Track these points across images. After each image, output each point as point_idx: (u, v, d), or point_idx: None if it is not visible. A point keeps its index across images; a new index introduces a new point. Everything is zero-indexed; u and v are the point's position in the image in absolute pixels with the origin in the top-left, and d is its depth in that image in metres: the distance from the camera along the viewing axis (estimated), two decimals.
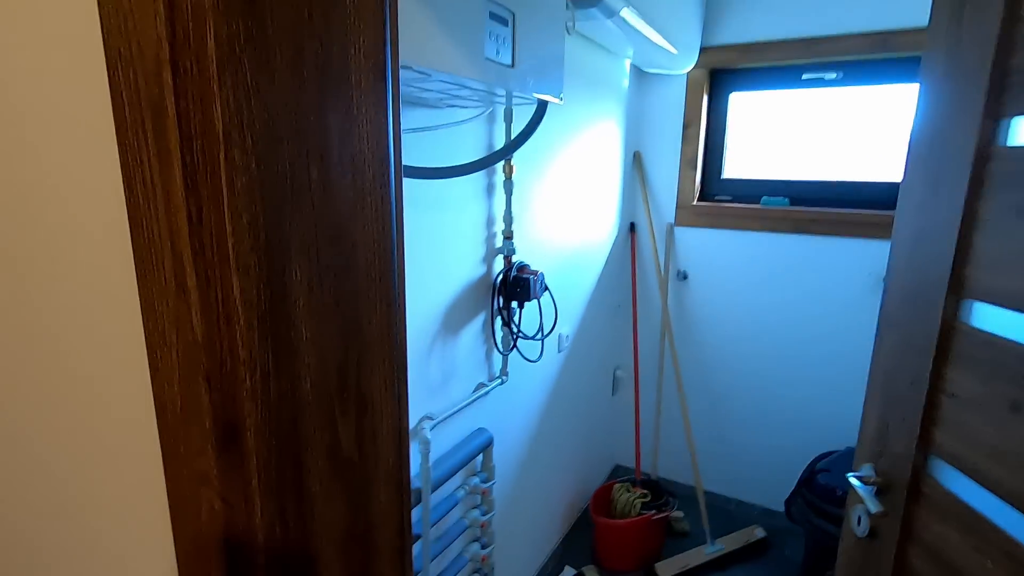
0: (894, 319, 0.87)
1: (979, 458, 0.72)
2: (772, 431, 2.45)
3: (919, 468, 0.81)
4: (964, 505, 0.74)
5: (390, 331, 0.43)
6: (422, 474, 1.27)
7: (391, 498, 0.46)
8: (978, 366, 0.72)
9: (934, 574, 0.79)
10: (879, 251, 2.12)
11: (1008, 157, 0.69)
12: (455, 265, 1.38)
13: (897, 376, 0.85)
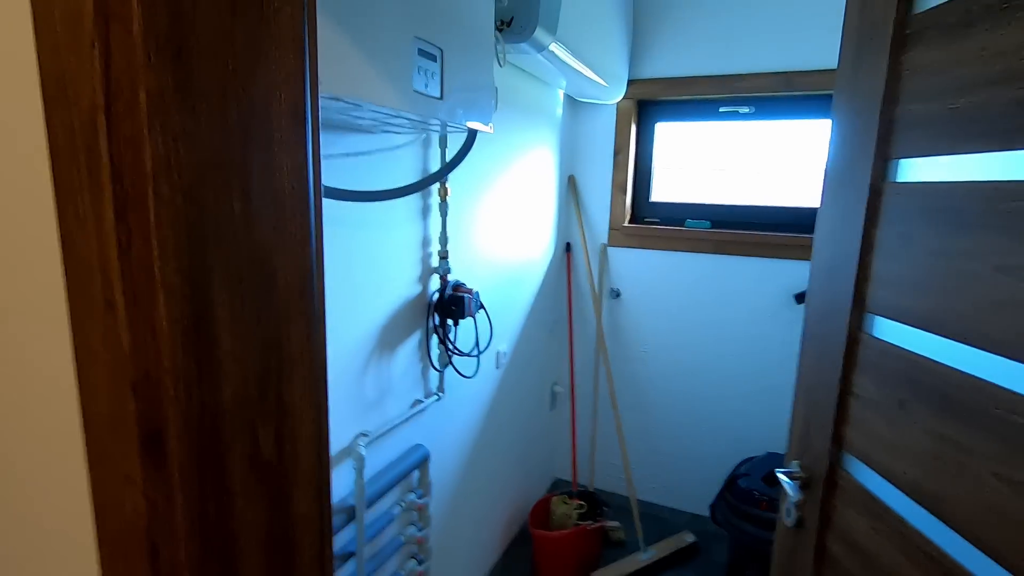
0: (813, 332, 0.99)
1: (877, 451, 0.82)
2: (700, 440, 2.59)
3: (834, 463, 0.91)
4: (867, 493, 0.84)
5: (310, 345, 0.47)
6: (356, 491, 1.28)
7: (311, 501, 0.50)
8: (875, 370, 0.83)
9: (846, 556, 0.88)
10: (791, 270, 2.31)
11: (895, 192, 0.81)
12: (391, 284, 1.42)
13: (816, 382, 0.96)
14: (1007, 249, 0.62)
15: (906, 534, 0.76)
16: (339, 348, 1.26)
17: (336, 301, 1.23)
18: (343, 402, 1.30)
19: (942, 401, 0.71)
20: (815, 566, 0.95)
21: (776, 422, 2.43)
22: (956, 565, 0.68)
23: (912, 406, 0.75)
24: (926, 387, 0.73)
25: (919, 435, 0.74)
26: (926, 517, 0.73)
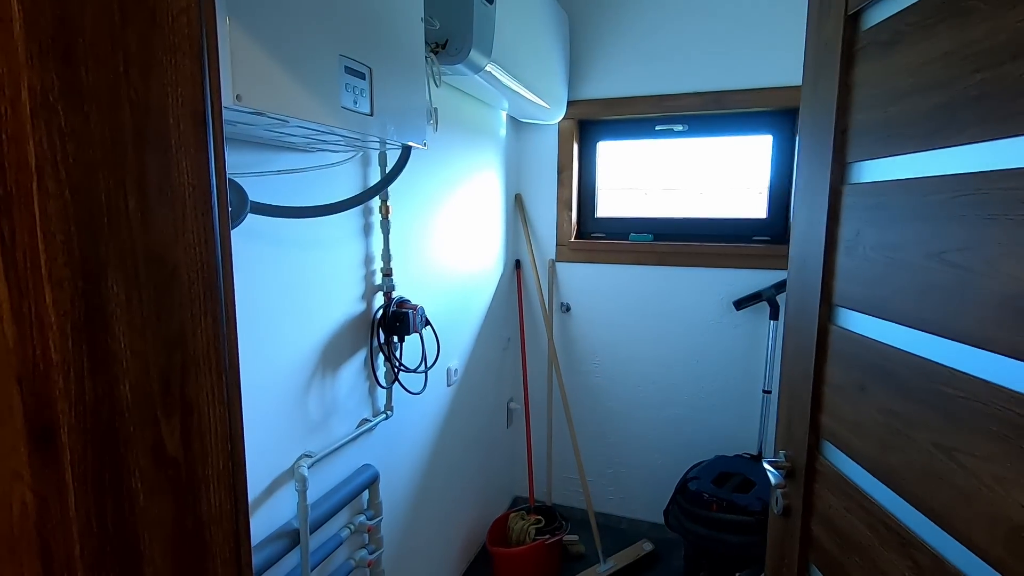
0: (791, 327, 1.05)
1: (845, 433, 0.88)
2: (652, 448, 2.64)
3: (813, 449, 0.97)
4: (840, 475, 0.89)
5: (216, 343, 0.48)
6: (299, 513, 1.25)
7: (223, 500, 0.50)
8: (841, 358, 0.89)
9: (827, 538, 0.93)
10: (730, 279, 2.41)
11: (849, 193, 0.88)
12: (334, 303, 1.42)
13: (796, 374, 1.02)
14: (933, 236, 0.69)
15: (870, 509, 0.81)
16: (279, 368, 1.25)
17: (276, 321, 1.22)
18: (285, 423, 1.27)
19: (892, 381, 0.77)
20: (801, 550, 0.99)
21: (721, 426, 2.50)
22: (910, 533, 0.73)
23: (870, 388, 0.82)
24: (880, 370, 0.79)
25: (875, 414, 0.80)
26: (884, 491, 0.79)
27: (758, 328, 2.39)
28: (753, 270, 2.37)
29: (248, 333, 1.15)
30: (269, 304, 1.20)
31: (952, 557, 0.67)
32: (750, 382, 2.43)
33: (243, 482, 0.51)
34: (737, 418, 2.47)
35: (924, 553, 0.71)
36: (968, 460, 0.64)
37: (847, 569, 0.87)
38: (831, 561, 0.91)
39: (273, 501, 1.25)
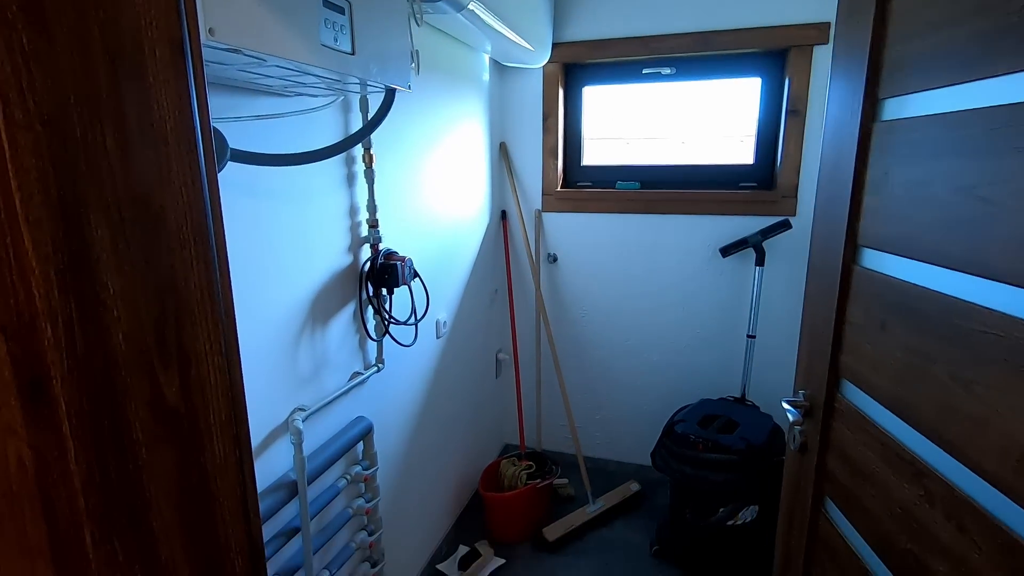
0: (815, 268, 1.06)
1: (864, 371, 0.90)
2: (639, 394, 2.70)
3: (832, 388, 0.99)
4: (857, 412, 0.92)
5: (210, 290, 0.46)
6: (296, 465, 1.26)
7: (228, 451, 0.49)
8: (863, 298, 0.90)
9: (841, 471, 0.96)
10: (716, 226, 2.41)
11: (881, 132, 0.86)
12: (320, 256, 1.38)
13: (817, 315, 1.03)
14: (964, 170, 0.68)
15: (885, 442, 0.84)
16: (267, 322, 1.22)
17: (261, 274, 1.19)
18: (276, 377, 1.26)
19: (913, 318, 0.78)
20: (816, 484, 1.03)
21: (706, 370, 2.56)
22: (923, 463, 0.76)
23: (891, 326, 0.83)
24: (902, 308, 0.80)
25: (895, 351, 0.82)
26: (900, 425, 0.81)
27: (744, 274, 2.41)
28: (739, 217, 2.37)
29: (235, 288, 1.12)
30: (252, 257, 1.17)
31: (963, 484, 0.69)
32: (735, 328, 2.47)
33: (246, 432, 0.50)
34: (722, 363, 2.53)
35: (936, 481, 0.73)
36: (984, 392, 0.65)
37: (860, 499, 0.90)
38: (845, 493, 0.95)
39: (269, 454, 1.25)
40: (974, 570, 0.67)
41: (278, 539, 1.25)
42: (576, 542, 2.30)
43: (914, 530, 0.77)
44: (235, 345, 0.49)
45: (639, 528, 2.38)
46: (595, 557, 2.21)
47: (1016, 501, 0.61)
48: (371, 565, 1.63)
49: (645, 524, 2.40)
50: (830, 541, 1.00)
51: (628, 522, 2.43)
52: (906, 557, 0.79)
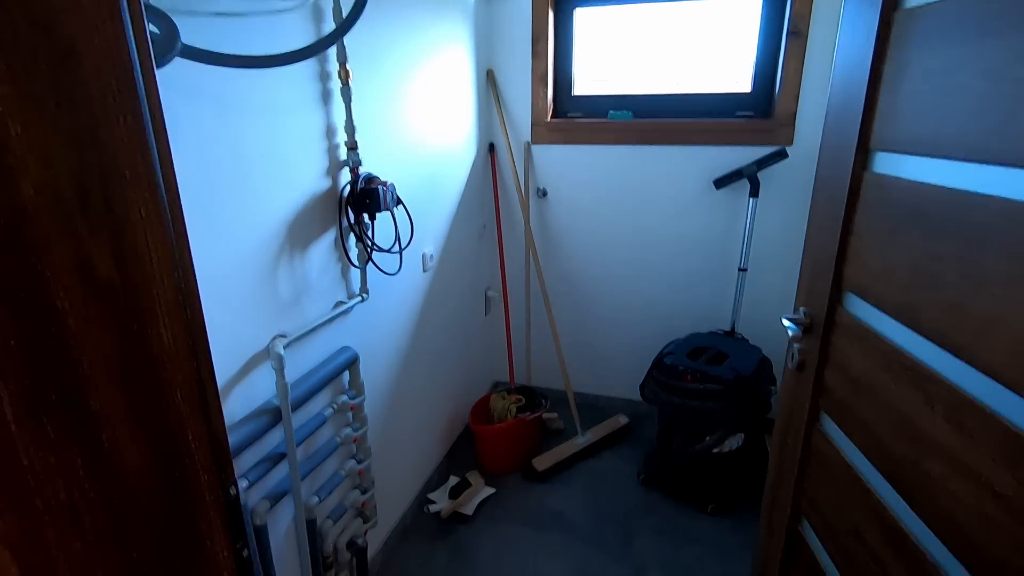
0: (823, 178, 1.01)
1: (869, 282, 0.87)
2: (629, 330, 2.69)
3: (834, 302, 0.97)
4: (860, 324, 0.89)
5: (143, 151, 0.40)
6: (279, 391, 1.23)
7: (178, 336, 0.44)
8: (873, 205, 0.86)
9: (840, 385, 0.95)
10: (710, 156, 2.34)
11: (903, 20, 0.79)
12: (296, 177, 1.31)
13: (823, 228, 0.99)
14: (994, 51, 0.62)
15: (886, 351, 0.82)
16: (242, 243, 1.16)
17: (233, 191, 1.12)
18: (253, 301, 1.21)
19: (926, 221, 0.74)
20: (813, 399, 1.03)
21: (697, 305, 2.54)
22: (926, 369, 0.74)
23: (901, 232, 0.79)
24: (914, 211, 0.76)
25: (904, 257, 0.78)
26: (904, 333, 0.79)
27: (737, 206, 2.36)
28: (735, 147, 2.29)
29: (201, 204, 1.05)
30: (221, 171, 1.09)
31: (966, 385, 0.67)
32: (726, 261, 2.44)
33: (199, 319, 0.46)
34: (712, 297, 2.51)
35: (938, 385, 0.71)
36: (1000, 288, 0.62)
37: (857, 411, 0.89)
38: (842, 405, 0.94)
39: (251, 380, 1.22)
40: (969, 465, 0.66)
41: (264, 463, 1.24)
42: (565, 472, 2.34)
43: (911, 435, 0.76)
44: (180, 217, 0.43)
45: (627, 459, 2.43)
46: (583, 486, 2.26)
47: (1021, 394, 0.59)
48: (361, 492, 1.64)
49: (633, 455, 2.45)
50: (824, 454, 1.00)
51: (616, 453, 2.47)
52: (901, 462, 0.78)
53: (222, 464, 0.49)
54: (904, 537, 0.77)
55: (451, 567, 1.88)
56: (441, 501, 2.13)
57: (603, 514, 2.11)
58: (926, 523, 0.73)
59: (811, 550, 1.04)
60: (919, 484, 0.74)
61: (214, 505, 0.48)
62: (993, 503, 0.62)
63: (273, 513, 1.33)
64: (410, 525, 2.06)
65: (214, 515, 0.48)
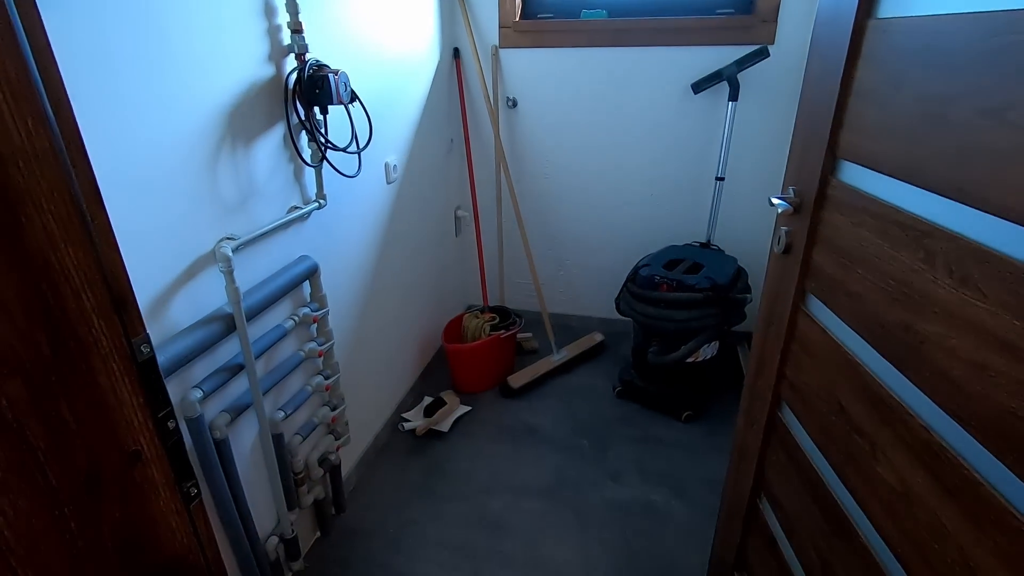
0: (819, 44, 0.91)
1: (868, 143, 0.79)
2: (604, 247, 2.64)
3: (827, 174, 0.90)
4: (854, 190, 0.83)
5: None
6: (229, 296, 1.13)
7: (70, 213, 0.34)
8: (877, 53, 0.78)
9: (828, 262, 0.90)
10: (688, 59, 2.21)
11: None
12: (233, 60, 1.15)
13: (819, 92, 0.91)
14: None
15: (883, 214, 0.76)
16: (173, 131, 1.02)
17: (153, 68, 0.97)
18: (196, 200, 1.09)
19: (936, 58, 0.66)
20: (799, 281, 0.98)
21: (672, 219, 2.48)
22: (927, 224, 0.68)
23: (906, 79, 0.71)
24: (923, 49, 0.68)
25: (909, 106, 0.71)
26: (904, 190, 0.73)
27: (715, 112, 2.26)
28: (714, 46, 2.17)
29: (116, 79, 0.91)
30: (137, 44, 0.94)
31: (973, 233, 0.62)
32: (704, 171, 2.36)
33: (68, 117, 0.35)
34: (688, 209, 2.45)
35: (939, 238, 0.66)
36: (1020, 116, 0.55)
37: (847, 285, 0.84)
38: (830, 283, 0.89)
39: (198, 284, 1.11)
40: (970, 319, 0.61)
41: (220, 374, 1.16)
42: (541, 389, 2.34)
43: (906, 298, 0.72)
44: (46, 46, 0.32)
45: (602, 374, 2.43)
46: (559, 401, 2.26)
47: None
48: (331, 408, 1.58)
49: (608, 371, 2.45)
50: (809, 337, 0.96)
51: (591, 369, 2.47)
52: (892, 329, 0.74)
53: (125, 315, 0.40)
54: (892, 404, 0.74)
55: (427, 481, 1.87)
56: (416, 419, 2.10)
57: (579, 427, 2.11)
58: (919, 386, 0.70)
59: (791, 435, 1.03)
60: (912, 348, 0.71)
61: (116, 359, 0.39)
62: (996, 353, 0.58)
63: (235, 427, 1.26)
64: (385, 443, 2.04)
65: (118, 370, 0.39)
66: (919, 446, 0.70)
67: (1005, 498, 0.57)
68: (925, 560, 0.68)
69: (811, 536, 0.96)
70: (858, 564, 0.83)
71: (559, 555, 1.59)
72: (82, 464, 0.37)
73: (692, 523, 1.68)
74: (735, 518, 1.28)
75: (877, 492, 0.78)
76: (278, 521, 1.44)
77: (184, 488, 0.46)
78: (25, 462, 0.34)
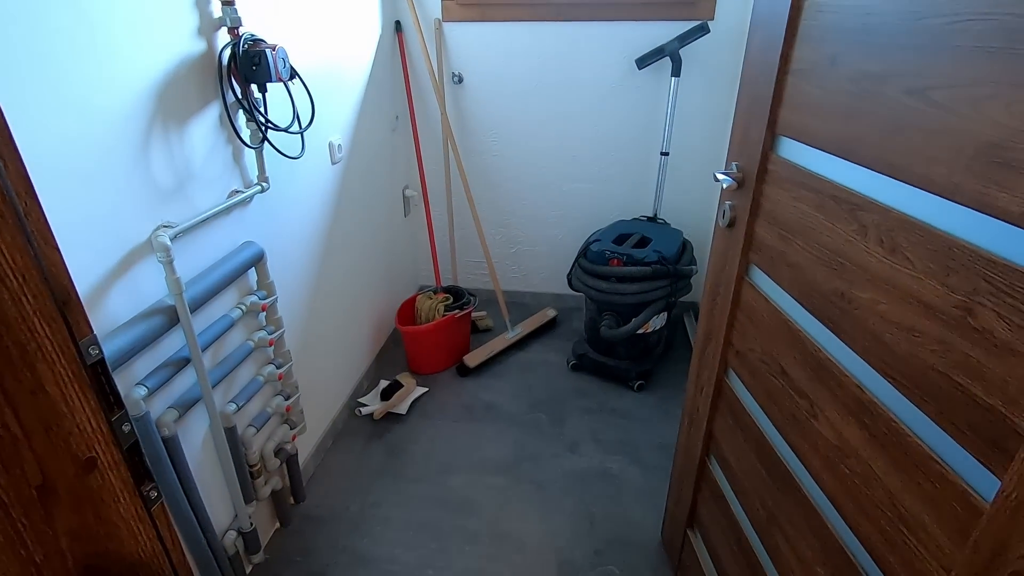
0: (758, 23, 0.94)
1: (806, 119, 0.83)
2: (555, 224, 2.66)
3: (767, 150, 0.93)
4: (793, 166, 0.86)
5: None
6: (170, 287, 1.08)
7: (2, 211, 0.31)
8: (813, 32, 0.81)
9: (769, 234, 0.94)
10: (632, 34, 2.23)
11: None
12: (159, 32, 1.07)
13: (759, 70, 0.93)
14: None
15: (820, 188, 0.80)
16: (97, 114, 0.95)
17: (64, 46, 0.89)
18: (126, 186, 1.02)
19: (868, 37, 0.69)
20: (743, 253, 1.02)
21: (620, 194, 2.53)
22: (861, 197, 0.72)
23: (842, 57, 0.75)
24: (857, 30, 0.72)
25: (844, 84, 0.74)
26: (839, 165, 0.77)
27: (659, 87, 2.30)
28: (657, 21, 2.19)
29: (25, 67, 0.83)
30: (49, 27, 0.87)
31: (900, 204, 0.67)
32: (648, 146, 2.41)
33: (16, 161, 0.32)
34: (634, 185, 2.50)
35: (871, 211, 0.70)
36: (943, 95, 0.59)
37: (787, 256, 0.89)
38: (772, 255, 0.94)
39: (135, 276, 1.05)
40: (898, 285, 0.66)
41: (165, 369, 1.11)
42: (497, 366, 2.36)
43: (841, 267, 0.76)
44: None
45: (556, 349, 2.47)
46: (516, 377, 2.29)
47: (957, 200, 0.58)
48: (284, 398, 1.55)
49: (562, 345, 2.50)
50: (753, 306, 1.01)
51: (546, 344, 2.51)
52: (829, 296, 0.79)
53: (69, 316, 0.38)
54: (830, 365, 0.80)
55: (388, 464, 1.87)
56: (373, 403, 2.09)
57: (536, 401, 2.15)
58: (852, 348, 0.75)
59: (738, 399, 1.08)
60: (846, 313, 0.76)
61: (63, 364, 0.37)
62: (921, 316, 0.63)
63: (184, 423, 1.22)
64: (342, 429, 2.01)
65: (66, 375, 0.37)
66: (853, 403, 0.75)
67: (928, 446, 0.63)
68: (859, 506, 0.75)
69: (757, 491, 1.03)
70: (800, 514, 0.89)
71: (523, 527, 1.64)
72: (34, 476, 0.35)
73: (647, 486, 1.76)
74: (687, 479, 1.35)
75: (816, 447, 0.84)
76: (235, 515, 1.41)
77: (144, 492, 0.45)
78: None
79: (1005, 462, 0.53)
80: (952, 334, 0.59)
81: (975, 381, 0.57)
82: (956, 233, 0.59)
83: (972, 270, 0.57)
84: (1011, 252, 0.54)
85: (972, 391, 0.57)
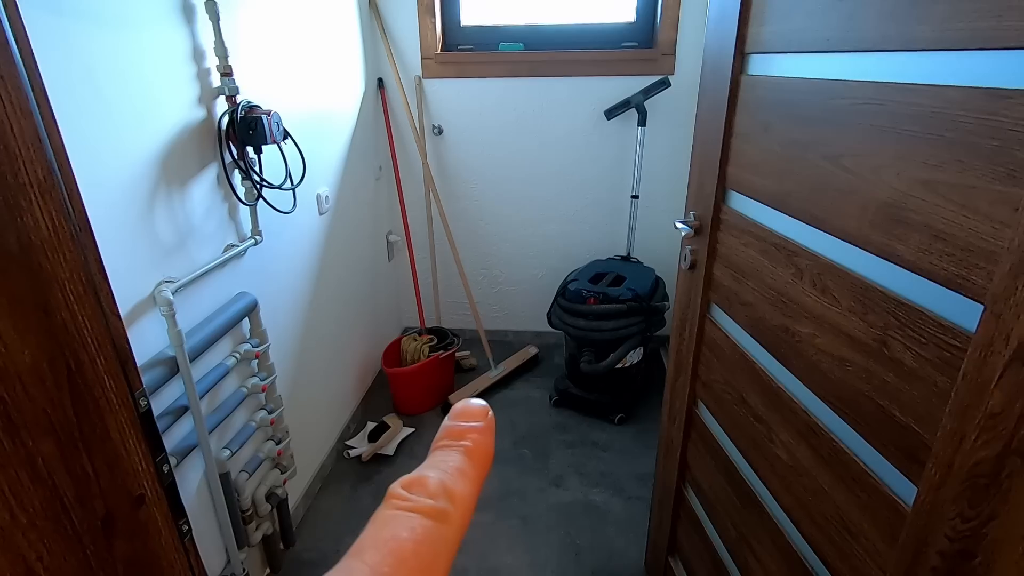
0: (706, 90, 1.06)
1: (748, 176, 0.95)
2: (533, 264, 2.77)
3: (719, 202, 1.05)
4: (740, 216, 0.98)
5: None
6: (172, 339, 1.14)
7: (56, 222, 0.39)
8: (749, 105, 0.93)
9: (725, 276, 1.04)
10: (601, 88, 2.39)
11: None
12: (165, 104, 1.17)
13: (708, 133, 1.05)
14: None
15: (763, 236, 0.92)
16: (108, 180, 1.03)
17: (83, 117, 0.98)
18: (134, 245, 1.10)
19: (793, 111, 0.82)
20: (704, 293, 1.13)
21: (595, 235, 2.66)
22: (795, 244, 0.84)
23: (774, 125, 0.87)
24: (784, 104, 0.84)
25: (776, 148, 0.86)
26: (776, 217, 0.88)
27: (627, 136, 2.46)
28: (622, 77, 2.37)
29: None
30: (70, 93, 0.96)
31: (827, 252, 0.78)
32: (620, 190, 2.55)
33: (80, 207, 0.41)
34: (608, 225, 2.64)
35: (805, 257, 0.81)
36: (851, 161, 0.71)
37: (741, 295, 0.99)
38: (728, 294, 1.04)
39: (139, 329, 1.12)
40: (829, 321, 0.77)
41: (166, 417, 1.16)
42: None
43: (784, 305, 0.87)
44: (42, 96, 0.38)
45: (539, 386, 2.54)
46: (500, 414, 2.35)
47: (868, 249, 0.69)
48: (275, 442, 1.59)
49: (544, 382, 2.57)
50: (714, 340, 1.11)
51: (528, 382, 2.58)
52: (776, 331, 0.89)
53: (128, 372, 0.46)
54: (780, 393, 0.89)
55: (377, 504, 1.88)
56: (361, 446, 2.12)
57: (520, 437, 2.21)
58: (798, 377, 0.85)
59: (707, 427, 1.17)
60: (791, 346, 0.86)
61: (123, 413, 0.45)
62: (848, 347, 0.73)
63: (181, 470, 1.25)
64: (331, 472, 2.04)
65: (125, 423, 0.45)
66: (802, 426, 0.85)
67: (862, 461, 0.72)
68: (811, 519, 0.83)
69: (728, 513, 1.11)
70: (766, 532, 0.97)
71: (511, 561, 1.67)
72: (100, 509, 0.42)
73: (630, 517, 1.82)
74: (665, 506, 1.42)
75: (774, 468, 0.93)
76: (227, 561, 1.43)
77: (179, 525, 0.51)
78: (56, 510, 0.39)
79: (919, 471, 0.63)
80: (873, 363, 0.70)
81: (893, 403, 0.67)
82: (870, 277, 0.70)
83: (884, 308, 0.67)
84: (912, 293, 0.64)
85: (891, 411, 0.67)
